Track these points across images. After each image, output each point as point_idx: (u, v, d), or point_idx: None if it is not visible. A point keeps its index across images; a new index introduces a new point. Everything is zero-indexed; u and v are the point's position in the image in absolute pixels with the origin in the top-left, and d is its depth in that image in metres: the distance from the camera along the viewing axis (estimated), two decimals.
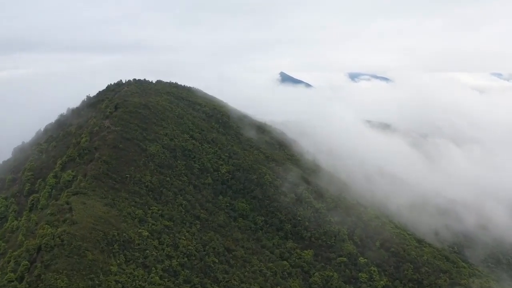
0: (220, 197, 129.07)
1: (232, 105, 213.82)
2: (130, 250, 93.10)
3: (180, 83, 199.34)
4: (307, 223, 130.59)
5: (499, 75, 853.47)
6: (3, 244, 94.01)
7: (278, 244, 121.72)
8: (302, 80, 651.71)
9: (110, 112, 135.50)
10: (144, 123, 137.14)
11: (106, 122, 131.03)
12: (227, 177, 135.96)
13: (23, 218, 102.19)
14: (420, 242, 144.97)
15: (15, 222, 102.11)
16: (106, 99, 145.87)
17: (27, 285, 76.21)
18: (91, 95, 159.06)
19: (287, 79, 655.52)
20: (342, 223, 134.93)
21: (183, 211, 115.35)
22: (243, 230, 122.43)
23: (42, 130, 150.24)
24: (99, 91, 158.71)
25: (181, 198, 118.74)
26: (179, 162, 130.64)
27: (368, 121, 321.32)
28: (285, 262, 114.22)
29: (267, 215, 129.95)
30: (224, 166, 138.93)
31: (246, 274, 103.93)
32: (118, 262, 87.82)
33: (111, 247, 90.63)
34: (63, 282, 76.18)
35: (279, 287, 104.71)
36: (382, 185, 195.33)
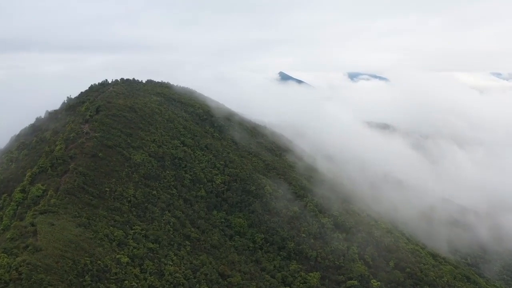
0: (215, 212, 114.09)
1: (230, 106, 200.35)
2: (105, 282, 77.98)
3: (178, 83, 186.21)
4: (312, 241, 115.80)
5: (499, 75, 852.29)
6: None
7: (280, 267, 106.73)
8: (302, 79, 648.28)
9: (90, 115, 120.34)
10: (129, 128, 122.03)
11: (85, 127, 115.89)
12: (223, 188, 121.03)
13: None
14: (435, 257, 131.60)
15: None
16: (87, 101, 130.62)
17: None
18: (72, 96, 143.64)
19: (286, 78, 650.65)
20: (351, 240, 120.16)
21: (171, 230, 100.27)
22: (240, 251, 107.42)
23: (16, 135, 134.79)
24: (81, 92, 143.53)
25: (169, 214, 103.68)
26: (167, 172, 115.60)
27: (368, 122, 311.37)
28: None
29: (267, 232, 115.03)
30: (219, 176, 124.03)
31: None
32: None
33: (81, 279, 75.51)
34: None
35: None
36: (389, 192, 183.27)
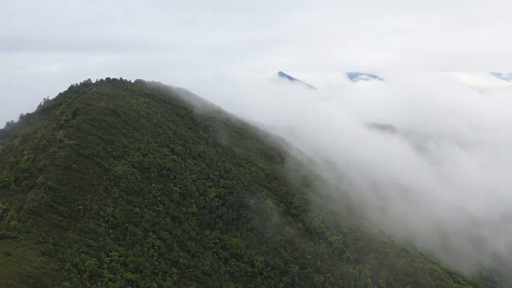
0: (207, 231, 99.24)
1: (228, 107, 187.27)
2: None
3: (176, 83, 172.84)
4: (319, 263, 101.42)
5: (498, 75, 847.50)
6: None
7: None
8: (301, 79, 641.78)
9: (66, 120, 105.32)
10: (110, 134, 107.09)
11: (59, 134, 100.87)
12: (217, 203, 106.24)
13: None
14: (452, 275, 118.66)
15: None
16: (64, 103, 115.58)
17: None
18: (50, 98, 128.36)
19: (285, 78, 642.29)
20: (363, 262, 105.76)
21: (156, 255, 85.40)
22: (237, 277, 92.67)
23: None
24: (60, 93, 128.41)
25: (153, 236, 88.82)
26: (153, 185, 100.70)
27: (369, 123, 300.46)
28: None
29: (267, 254, 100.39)
30: (213, 188, 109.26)
31: None
32: None
33: None
34: None
35: None
36: (397, 201, 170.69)
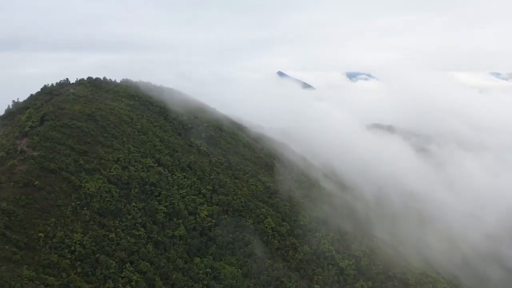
0: (197, 258, 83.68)
1: (225, 108, 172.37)
2: None
3: (171, 83, 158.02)
4: None
5: (498, 75, 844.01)
6: None
7: None
8: (300, 79, 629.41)
9: (31, 126, 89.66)
10: (84, 143, 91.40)
11: (22, 143, 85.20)
12: (209, 223, 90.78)
13: None
14: None
15: None
16: (32, 107, 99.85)
17: None
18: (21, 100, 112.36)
19: (285, 78, 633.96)
20: None
21: None
22: None
23: None
24: (31, 94, 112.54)
25: (131, 268, 73.30)
26: (134, 204, 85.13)
27: (369, 124, 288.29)
28: None
29: (268, 284, 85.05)
30: (206, 206, 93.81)
31: None
32: None
33: None
34: None
35: None
36: (407, 212, 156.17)
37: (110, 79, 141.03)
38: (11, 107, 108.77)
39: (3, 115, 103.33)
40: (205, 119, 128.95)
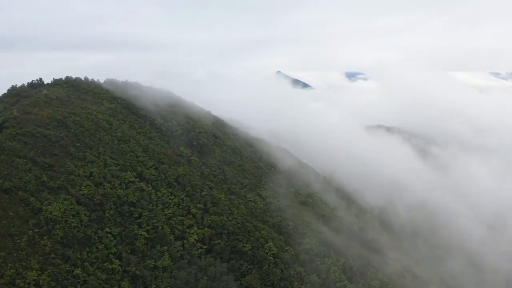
0: None
1: (221, 111, 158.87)
2: None
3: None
4: None
5: (497, 74, 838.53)
6: None
7: None
8: (300, 79, 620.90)
9: None
10: (50, 155, 76.95)
11: None
12: (200, 250, 76.38)
13: None
14: None
15: None
16: None
17: None
18: None
19: (284, 78, 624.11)
20: None
21: None
22: None
23: None
24: None
25: None
26: (107, 230, 70.65)
27: (368, 126, 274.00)
28: None
29: None
30: (195, 229, 79.37)
31: None
32: None
33: None
34: None
35: None
36: (419, 226, 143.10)
37: (93, 79, 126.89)
38: None
39: None
40: (197, 124, 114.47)
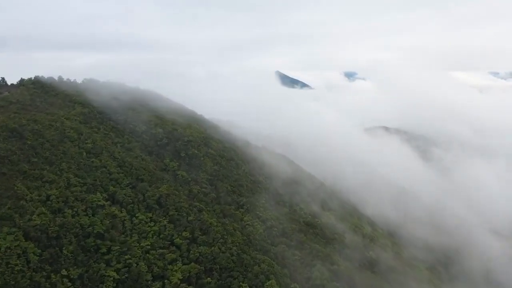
0: None
1: (218, 112, 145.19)
2: None
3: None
4: None
5: (496, 74, 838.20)
6: None
7: None
8: (299, 79, 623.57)
9: None
10: None
11: None
12: None
13: None
14: None
15: None
16: None
17: None
18: None
19: (283, 78, 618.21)
20: None
21: None
22: None
23: None
24: None
25: None
26: (63, 273, 55.02)
27: (369, 128, 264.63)
28: None
29: None
30: (180, 264, 63.77)
31: None
32: None
33: None
34: None
35: None
36: (432, 237, 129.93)
37: (69, 79, 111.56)
38: None
39: None
40: (187, 131, 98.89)
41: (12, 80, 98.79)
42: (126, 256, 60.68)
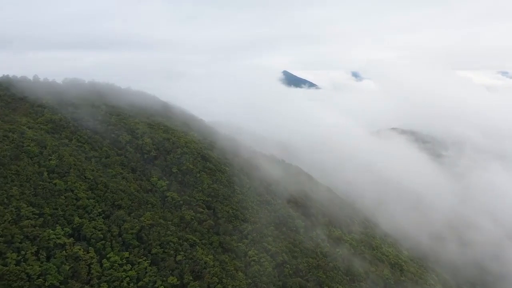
0: None
1: (220, 116, 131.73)
2: None
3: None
4: None
5: (505, 73, 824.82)
6: None
7: None
8: (306, 79, 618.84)
9: None
10: None
11: None
12: None
13: None
14: None
15: None
16: None
17: None
18: None
19: (290, 78, 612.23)
20: None
21: None
22: None
23: None
24: None
25: None
26: None
27: (378, 131, 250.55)
28: None
29: None
30: None
31: None
32: None
33: None
34: None
35: None
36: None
37: (46, 78, 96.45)
38: None
39: None
40: (182, 141, 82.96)
41: None
42: None
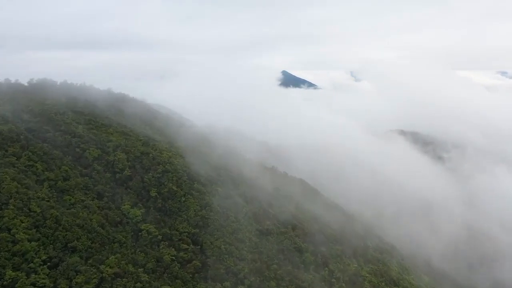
0: None
1: (216, 117, 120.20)
2: None
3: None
4: None
5: (504, 73, 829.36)
6: None
7: None
8: (305, 79, 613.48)
9: None
10: None
11: None
12: None
13: None
14: None
15: None
16: None
17: None
18: None
19: (289, 78, 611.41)
20: None
21: None
22: None
23: None
24: None
25: None
26: None
27: (380, 133, 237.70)
28: None
29: None
30: None
31: None
32: None
33: None
34: None
35: None
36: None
37: (8, 79, 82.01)
38: None
39: None
40: (164, 157, 68.20)
41: None
42: None
